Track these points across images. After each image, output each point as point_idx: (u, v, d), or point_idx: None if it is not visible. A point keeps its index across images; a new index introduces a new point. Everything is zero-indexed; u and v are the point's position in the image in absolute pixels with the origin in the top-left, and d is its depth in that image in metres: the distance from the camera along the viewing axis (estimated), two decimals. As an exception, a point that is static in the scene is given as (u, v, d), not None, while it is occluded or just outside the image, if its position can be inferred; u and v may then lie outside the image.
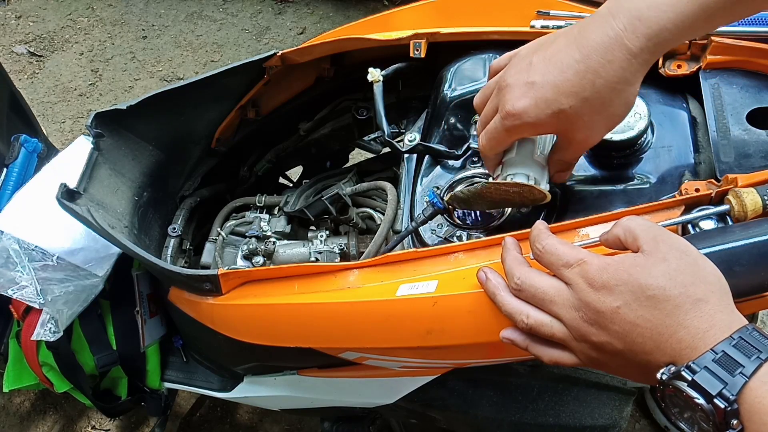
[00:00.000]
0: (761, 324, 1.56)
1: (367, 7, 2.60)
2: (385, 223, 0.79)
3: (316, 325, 0.71)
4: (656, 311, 0.43)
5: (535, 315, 0.50)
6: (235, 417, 1.57)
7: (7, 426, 1.58)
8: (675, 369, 0.42)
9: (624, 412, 0.85)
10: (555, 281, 0.49)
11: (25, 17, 2.79)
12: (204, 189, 1.08)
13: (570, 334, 0.48)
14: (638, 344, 0.44)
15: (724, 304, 0.44)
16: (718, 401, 0.40)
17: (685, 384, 0.41)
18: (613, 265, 0.46)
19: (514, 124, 0.55)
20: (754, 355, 0.40)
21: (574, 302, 0.47)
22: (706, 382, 0.40)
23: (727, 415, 0.40)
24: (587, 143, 0.58)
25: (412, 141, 0.83)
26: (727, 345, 0.41)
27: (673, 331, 0.43)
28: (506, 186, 0.60)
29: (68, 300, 0.96)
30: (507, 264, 0.54)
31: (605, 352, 0.47)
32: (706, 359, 0.41)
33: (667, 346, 0.43)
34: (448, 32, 0.82)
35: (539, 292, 0.49)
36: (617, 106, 0.53)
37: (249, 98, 0.99)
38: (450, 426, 0.96)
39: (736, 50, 0.67)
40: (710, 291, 0.44)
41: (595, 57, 0.51)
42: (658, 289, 0.43)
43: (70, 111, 2.40)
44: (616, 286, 0.45)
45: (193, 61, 2.52)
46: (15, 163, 1.11)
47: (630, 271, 0.45)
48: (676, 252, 0.45)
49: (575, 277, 0.47)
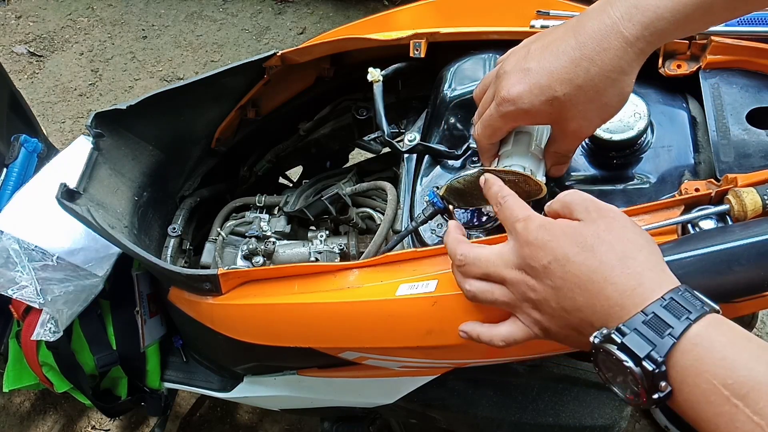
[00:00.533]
0: (761, 324, 1.56)
1: (367, 7, 2.60)
2: (384, 223, 0.79)
3: (316, 325, 0.71)
4: (583, 267, 0.45)
5: (477, 283, 0.52)
6: (235, 417, 1.57)
7: (7, 426, 1.58)
8: (606, 331, 0.43)
9: (624, 412, 0.85)
10: (495, 247, 0.52)
11: (25, 17, 2.79)
12: (204, 189, 1.08)
13: (512, 295, 0.50)
14: (569, 299, 0.46)
15: (653, 263, 0.44)
16: (647, 363, 0.40)
17: (615, 347, 0.42)
18: (551, 224, 0.48)
19: (509, 110, 0.56)
20: (683, 315, 0.40)
21: (513, 260, 0.49)
22: (635, 345, 0.41)
23: (655, 377, 0.40)
24: (580, 133, 0.58)
25: (412, 141, 0.83)
26: (658, 306, 0.41)
27: (600, 287, 0.44)
28: (502, 174, 0.59)
29: (68, 300, 0.96)
30: (449, 245, 0.55)
31: (545, 313, 0.48)
32: (636, 321, 0.41)
33: (597, 303, 0.44)
34: (448, 32, 0.82)
35: (481, 261, 0.52)
36: (611, 96, 0.53)
37: (249, 98, 0.99)
38: (450, 426, 0.96)
39: (736, 50, 0.67)
40: (637, 249, 0.45)
41: (591, 44, 0.51)
42: (586, 246, 0.45)
43: (70, 111, 2.40)
44: (549, 242, 0.47)
45: (193, 61, 2.52)
46: (15, 163, 1.11)
47: (565, 230, 0.47)
48: (606, 218, 0.47)
49: (520, 230, 0.49)
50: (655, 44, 0.51)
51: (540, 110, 0.54)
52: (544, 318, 0.49)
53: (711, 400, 0.38)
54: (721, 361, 0.38)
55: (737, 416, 0.37)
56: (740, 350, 0.38)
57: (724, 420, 0.37)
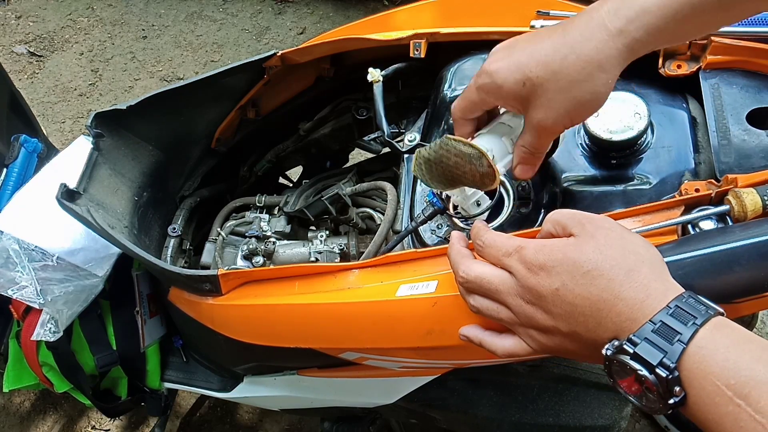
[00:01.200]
0: (761, 324, 1.56)
1: (367, 7, 2.60)
2: (385, 223, 0.79)
3: (316, 326, 0.71)
4: (592, 288, 0.44)
5: (482, 300, 0.52)
6: (235, 417, 1.57)
7: (7, 426, 1.58)
8: (618, 343, 0.43)
9: (624, 412, 0.85)
10: (497, 271, 0.50)
11: (25, 17, 2.79)
12: (204, 189, 1.08)
13: (517, 320, 0.49)
14: (581, 324, 0.45)
15: (656, 273, 0.45)
16: (660, 371, 0.40)
17: (628, 357, 0.42)
18: (548, 246, 0.47)
19: (484, 83, 0.55)
20: (690, 321, 0.41)
21: (517, 289, 0.48)
22: (647, 353, 0.41)
23: (669, 383, 0.40)
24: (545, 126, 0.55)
25: (412, 141, 0.83)
26: (665, 314, 0.42)
27: (611, 305, 0.44)
28: (462, 147, 0.57)
29: (68, 300, 0.96)
30: (451, 258, 0.55)
31: (553, 336, 0.48)
32: (646, 330, 0.42)
33: (608, 321, 0.44)
34: (448, 32, 0.82)
35: (484, 283, 0.51)
36: (583, 91, 0.51)
37: (249, 98, 0.99)
38: (450, 426, 0.96)
39: (736, 50, 0.67)
40: (640, 261, 0.45)
41: (574, 33, 0.51)
42: (591, 264, 0.45)
43: (70, 111, 2.40)
44: (553, 267, 0.46)
45: (193, 61, 2.52)
46: (15, 163, 1.11)
47: (564, 250, 0.46)
48: (602, 230, 0.47)
49: (515, 264, 0.49)
50: (642, 42, 0.50)
51: (512, 89, 0.54)
52: (552, 341, 0.48)
53: (716, 402, 0.38)
54: (724, 362, 0.39)
55: (740, 416, 0.37)
56: (742, 351, 0.39)
57: (729, 420, 0.38)
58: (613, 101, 0.66)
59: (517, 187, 0.72)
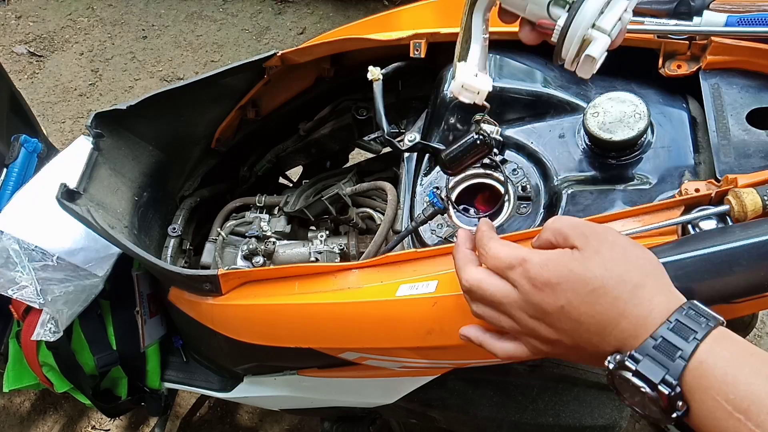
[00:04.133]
0: (761, 324, 1.56)
1: (367, 7, 2.60)
2: (385, 223, 0.79)
3: (316, 326, 0.71)
4: (598, 306, 0.44)
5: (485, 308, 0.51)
6: (235, 417, 1.57)
7: (7, 426, 1.58)
8: (620, 358, 0.43)
9: (624, 412, 0.85)
10: (501, 282, 0.50)
11: (25, 17, 2.79)
12: (204, 189, 1.08)
13: (521, 330, 0.49)
14: (585, 339, 0.46)
15: (660, 286, 0.45)
16: (663, 387, 0.41)
17: (630, 374, 0.42)
18: (553, 261, 0.47)
19: None
20: (691, 336, 0.41)
21: (521, 303, 0.48)
22: (649, 371, 0.41)
23: (671, 399, 0.41)
24: None
25: (412, 141, 0.83)
26: (665, 330, 0.42)
27: (616, 323, 0.44)
28: None
29: (68, 300, 0.96)
30: (456, 263, 0.54)
31: (556, 346, 0.48)
32: (647, 347, 0.42)
33: (612, 338, 0.44)
34: (448, 32, 0.82)
35: (487, 294, 0.50)
36: None
37: (249, 98, 0.99)
38: (450, 426, 0.96)
39: (736, 50, 0.67)
40: (645, 275, 0.45)
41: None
42: (597, 282, 0.44)
43: (70, 111, 2.40)
44: (558, 284, 0.46)
45: (193, 61, 2.52)
46: (15, 163, 1.11)
47: (569, 266, 0.46)
48: (606, 243, 0.46)
49: (519, 279, 0.48)
50: None
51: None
52: (554, 350, 0.49)
53: (717, 416, 0.39)
54: (723, 377, 0.39)
55: (741, 429, 0.38)
56: (742, 365, 0.39)
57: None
58: (613, 101, 0.66)
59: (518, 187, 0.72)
